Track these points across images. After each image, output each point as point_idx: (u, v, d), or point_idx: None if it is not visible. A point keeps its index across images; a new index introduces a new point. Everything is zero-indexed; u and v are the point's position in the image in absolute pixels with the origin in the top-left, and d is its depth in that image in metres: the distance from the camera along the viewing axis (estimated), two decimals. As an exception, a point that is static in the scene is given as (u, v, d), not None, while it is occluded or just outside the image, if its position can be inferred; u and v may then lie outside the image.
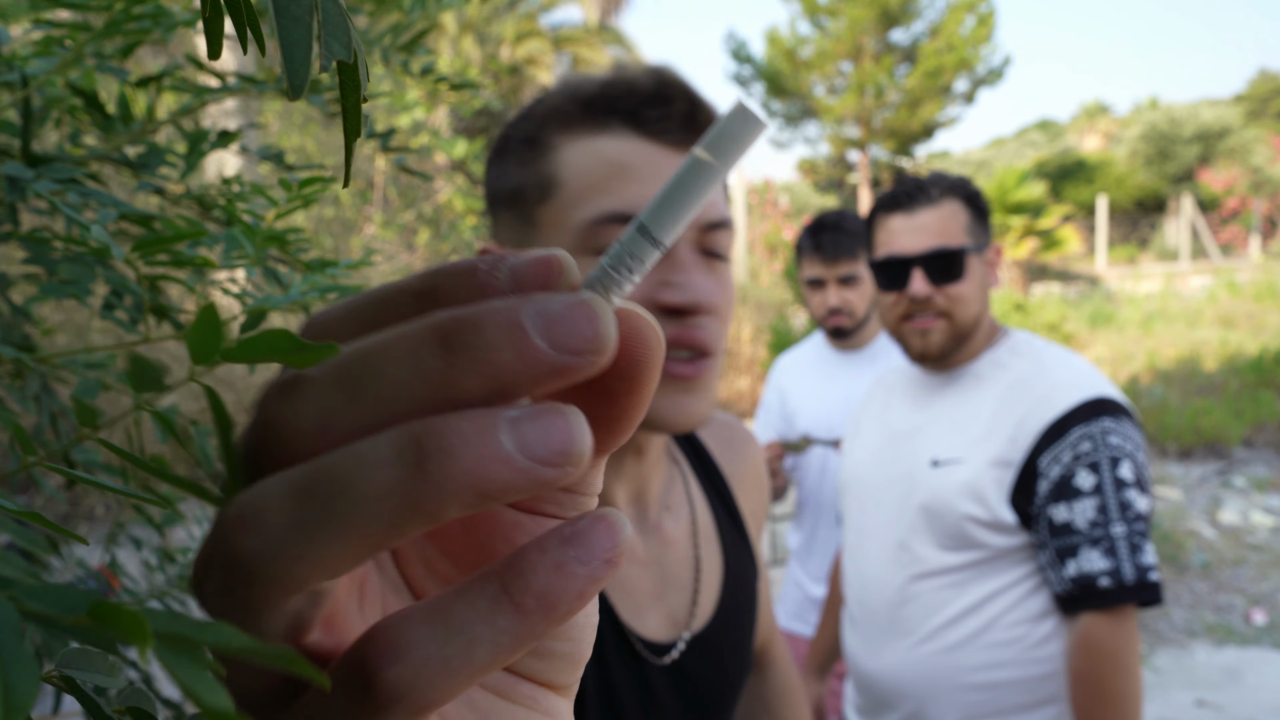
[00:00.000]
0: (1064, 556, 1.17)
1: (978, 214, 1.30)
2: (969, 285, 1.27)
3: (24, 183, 0.65)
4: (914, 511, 1.28)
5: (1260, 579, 4.62)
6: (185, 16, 0.65)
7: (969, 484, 1.23)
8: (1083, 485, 1.17)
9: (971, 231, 1.28)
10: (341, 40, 0.24)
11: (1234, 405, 7.11)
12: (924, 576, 1.27)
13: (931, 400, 1.35)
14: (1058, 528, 1.18)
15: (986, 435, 1.25)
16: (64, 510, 1.79)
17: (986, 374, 1.31)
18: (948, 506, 1.24)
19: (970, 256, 1.27)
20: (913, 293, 1.26)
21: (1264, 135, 20.30)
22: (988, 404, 1.27)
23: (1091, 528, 1.16)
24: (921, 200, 1.28)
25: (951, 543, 1.25)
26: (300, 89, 0.24)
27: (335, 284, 0.65)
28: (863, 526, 1.38)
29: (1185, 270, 16.17)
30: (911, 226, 1.27)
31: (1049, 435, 1.20)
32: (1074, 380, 1.24)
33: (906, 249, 1.27)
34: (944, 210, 1.27)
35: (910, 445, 1.34)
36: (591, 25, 15.56)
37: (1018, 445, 1.22)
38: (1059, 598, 1.19)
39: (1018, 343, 1.33)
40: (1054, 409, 1.21)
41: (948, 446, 1.28)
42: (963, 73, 19.50)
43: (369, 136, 0.94)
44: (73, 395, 0.71)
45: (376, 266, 3.59)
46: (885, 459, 1.37)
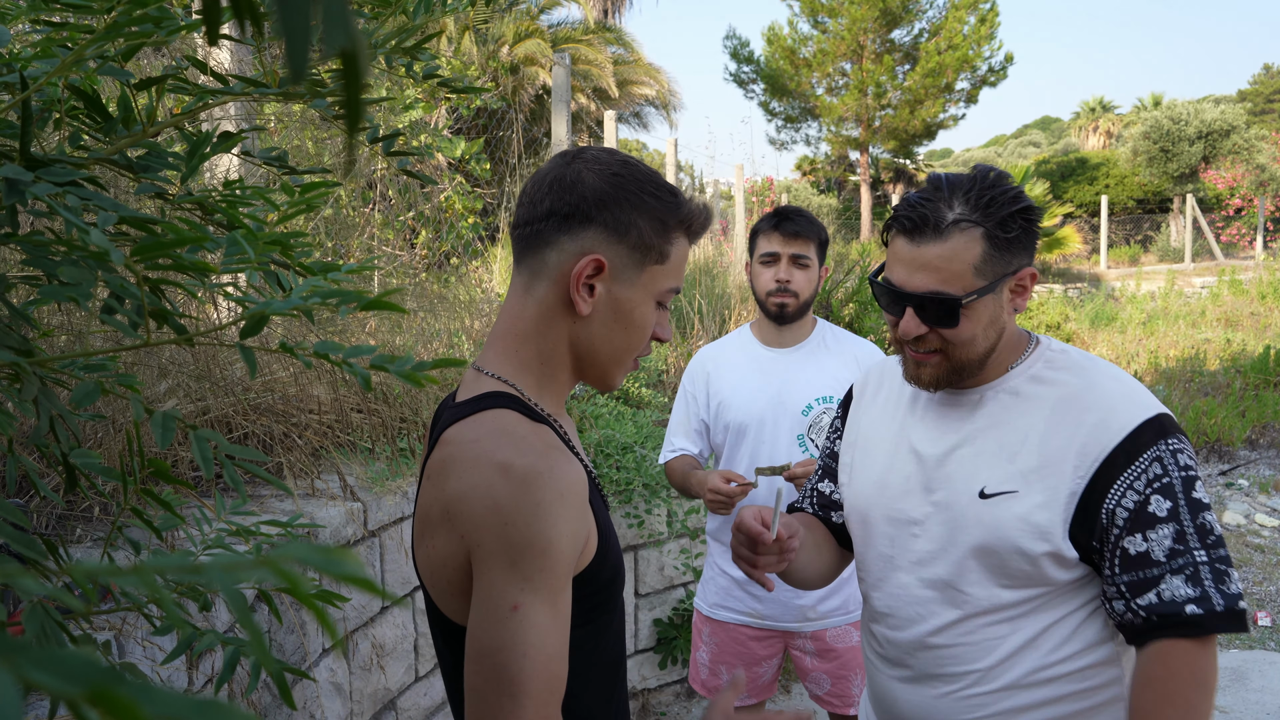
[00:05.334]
0: (1140, 590, 1.07)
1: (1000, 243, 1.12)
2: (969, 328, 1.14)
3: (23, 185, 0.64)
4: (964, 549, 1.16)
5: (1265, 580, 4.61)
6: (188, 20, 0.64)
7: (1028, 518, 1.12)
8: (1158, 511, 1.07)
9: (984, 269, 1.12)
10: (343, 30, 0.24)
11: (1237, 406, 7.10)
12: (976, 615, 1.17)
13: (962, 421, 1.22)
14: (1132, 559, 1.08)
15: (1042, 463, 1.13)
16: (61, 511, 1.78)
17: (1025, 391, 1.19)
18: (1007, 543, 1.13)
19: (972, 304, 1.13)
20: (901, 332, 1.17)
21: (1268, 133, 20.28)
22: (1035, 426, 1.15)
23: (1171, 557, 1.06)
24: (928, 233, 1.13)
25: (1010, 581, 1.15)
26: (300, 75, 0.23)
27: (337, 289, 0.64)
28: (891, 558, 1.25)
29: (1188, 270, 16.15)
30: (912, 259, 1.15)
31: (1117, 461, 1.09)
32: (1131, 396, 1.14)
33: (902, 283, 1.16)
34: (952, 246, 1.12)
35: (946, 473, 1.20)
36: (591, 25, 15.55)
37: (1079, 473, 1.11)
38: (1128, 626, 1.09)
39: (1051, 354, 1.22)
40: (1118, 431, 1.10)
41: (998, 476, 1.15)
42: (964, 72, 19.48)
43: (372, 140, 0.93)
44: (71, 399, 0.70)
45: (377, 267, 3.58)
46: (914, 486, 1.23)
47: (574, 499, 0.83)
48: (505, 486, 0.80)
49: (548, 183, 0.92)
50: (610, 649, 0.96)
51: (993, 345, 1.17)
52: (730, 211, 8.67)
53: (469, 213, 4.45)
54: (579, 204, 0.90)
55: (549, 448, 0.85)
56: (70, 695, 0.15)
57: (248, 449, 0.79)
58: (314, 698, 2.02)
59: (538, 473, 0.81)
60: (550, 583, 0.81)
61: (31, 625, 0.68)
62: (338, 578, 0.26)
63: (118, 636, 1.49)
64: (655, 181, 0.94)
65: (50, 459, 0.81)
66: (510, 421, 0.87)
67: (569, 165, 0.92)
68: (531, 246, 0.92)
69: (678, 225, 0.94)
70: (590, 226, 0.90)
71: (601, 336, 0.93)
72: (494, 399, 0.89)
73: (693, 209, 0.95)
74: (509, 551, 0.80)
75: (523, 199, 0.94)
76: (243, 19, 0.28)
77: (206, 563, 0.28)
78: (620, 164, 0.93)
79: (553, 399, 0.96)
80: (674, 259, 0.94)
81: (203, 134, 0.81)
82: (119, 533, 0.96)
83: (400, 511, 2.41)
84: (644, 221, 0.91)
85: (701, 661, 2.23)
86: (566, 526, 0.82)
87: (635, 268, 0.92)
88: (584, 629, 0.91)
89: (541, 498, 0.81)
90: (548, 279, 0.91)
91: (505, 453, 0.82)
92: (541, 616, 0.80)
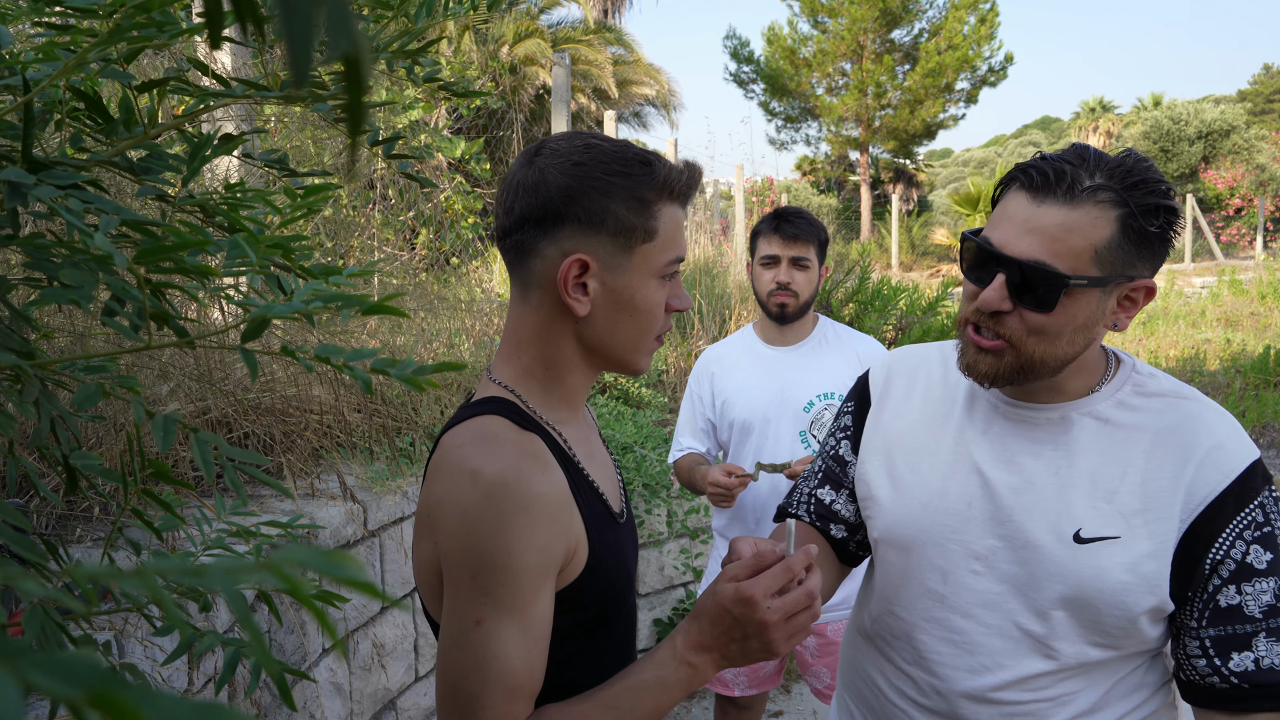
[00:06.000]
0: (1229, 647, 0.96)
1: (1134, 235, 0.94)
2: (1061, 319, 0.96)
3: (25, 188, 0.64)
4: (1051, 599, 1.01)
5: (1263, 580, 4.61)
6: (190, 23, 0.65)
7: (1136, 568, 0.97)
8: (1257, 564, 0.96)
9: (1106, 257, 0.95)
10: (346, 34, 0.24)
11: (1237, 406, 7.10)
12: (1058, 671, 1.02)
13: (1044, 444, 1.05)
14: (1223, 612, 0.96)
15: (1145, 505, 0.98)
16: (61, 512, 1.79)
17: (1117, 418, 1.03)
18: (1107, 597, 0.98)
19: (1078, 291, 0.95)
20: (981, 301, 0.98)
21: (1268, 133, 20.28)
22: (1135, 462, 1.00)
23: (1269, 615, 0.95)
24: (1058, 190, 0.95)
25: (1102, 639, 1.00)
26: (303, 79, 0.23)
27: (338, 292, 0.65)
28: (943, 596, 1.07)
29: (1188, 270, 16.16)
30: (1027, 219, 0.96)
31: (1227, 504, 0.96)
32: (1237, 433, 1.01)
33: (1004, 243, 0.97)
34: (1079, 217, 0.94)
35: (1024, 505, 1.03)
36: (591, 25, 15.55)
37: (1186, 516, 0.97)
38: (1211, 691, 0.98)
39: (1140, 377, 1.07)
40: (1229, 471, 0.97)
41: (1096, 517, 0.99)
42: (964, 72, 19.48)
43: (373, 143, 0.94)
44: (72, 401, 0.70)
45: (377, 268, 3.58)
46: (977, 514, 1.06)
47: (541, 511, 0.80)
48: (472, 495, 0.79)
49: (514, 186, 0.88)
50: (616, 660, 0.94)
51: (1074, 355, 1.00)
52: (730, 211, 8.67)
53: (469, 213, 4.45)
54: (547, 204, 0.86)
55: (525, 456, 0.82)
56: (71, 698, 0.15)
57: (248, 451, 0.79)
58: (314, 698, 2.02)
59: (504, 483, 0.79)
60: (513, 598, 0.78)
61: (32, 626, 0.68)
62: (339, 581, 0.26)
63: (118, 637, 1.49)
64: (622, 158, 0.87)
65: (50, 460, 0.81)
66: (496, 428, 0.85)
67: (531, 165, 0.88)
68: (518, 257, 0.89)
69: (658, 196, 0.88)
70: (563, 225, 0.86)
71: (609, 330, 0.90)
72: (489, 404, 0.88)
73: (669, 173, 0.89)
74: (470, 563, 0.79)
75: (497, 206, 0.91)
76: (245, 22, 0.28)
77: (207, 565, 0.28)
78: (581, 150, 0.87)
79: (561, 402, 0.93)
80: (664, 231, 0.89)
81: (204, 136, 0.81)
82: (119, 533, 0.96)
83: (400, 512, 2.41)
84: (618, 205, 0.86)
85: None
86: (531, 540, 0.79)
87: (623, 253, 0.87)
88: (584, 641, 0.89)
89: (504, 509, 0.78)
90: (538, 286, 0.89)
91: (479, 460, 0.81)
92: (505, 631, 0.78)
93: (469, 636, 0.79)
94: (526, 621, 0.79)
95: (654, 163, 0.88)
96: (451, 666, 0.80)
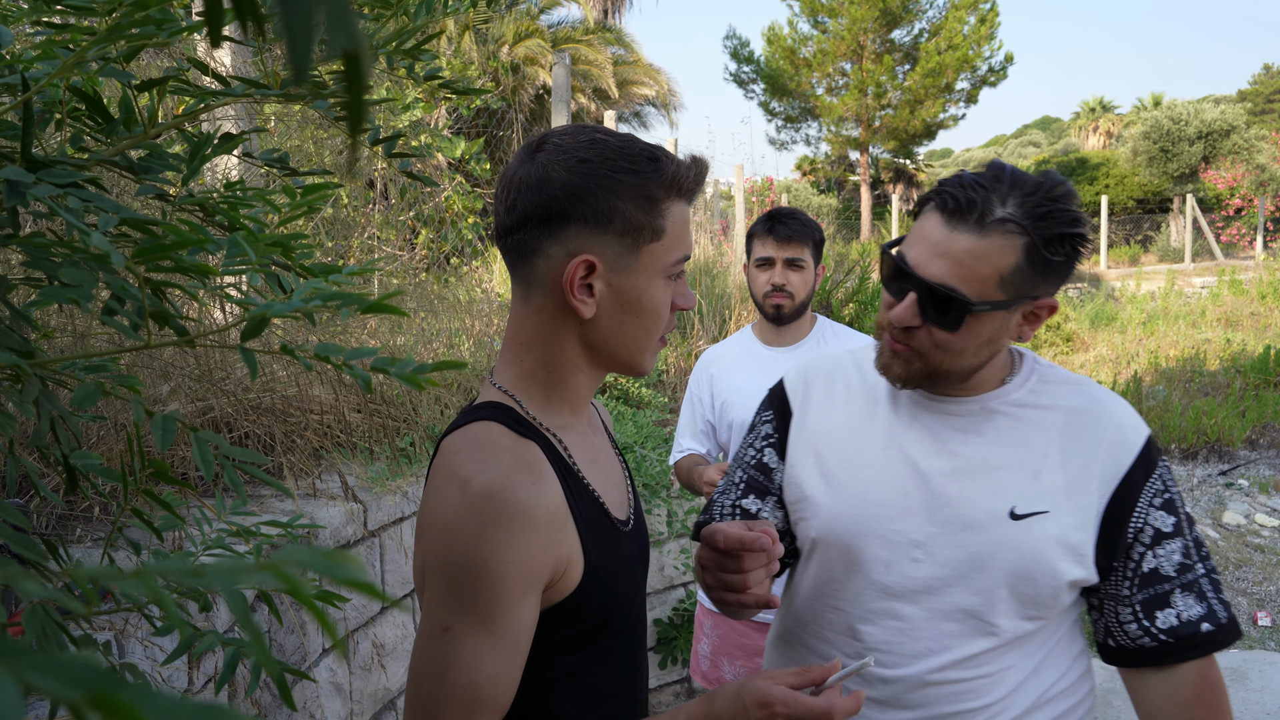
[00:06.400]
0: (1154, 608, 1.06)
1: (1038, 263, 1.00)
2: (964, 339, 1.04)
3: (24, 187, 0.64)
4: (995, 576, 1.06)
5: (1265, 580, 4.61)
6: (189, 21, 0.64)
7: (1064, 539, 1.05)
8: (1164, 527, 1.07)
9: (1010, 282, 1.01)
10: (346, 31, 0.24)
11: (1237, 406, 7.10)
12: (998, 647, 1.08)
13: (969, 434, 1.12)
14: (1146, 576, 1.06)
15: (1069, 480, 1.07)
16: (61, 512, 1.78)
17: (1030, 404, 1.12)
18: (1044, 567, 1.05)
19: (981, 315, 1.02)
20: (893, 316, 1.06)
21: (1268, 133, 20.27)
22: (1053, 442, 1.09)
23: (1181, 572, 1.06)
24: (969, 221, 1.00)
25: (1035, 610, 1.07)
26: (303, 77, 0.23)
27: (338, 291, 0.64)
28: (887, 586, 1.11)
29: (1188, 270, 16.15)
30: (939, 243, 1.02)
31: (1136, 477, 1.07)
32: (1130, 414, 1.11)
33: (917, 264, 1.03)
34: (987, 245, 0.99)
35: (958, 491, 1.09)
36: (591, 25, 15.56)
37: (1104, 490, 1.06)
38: (1142, 651, 1.07)
39: (1042, 368, 1.16)
40: (1133, 446, 1.08)
41: (1026, 495, 1.06)
42: (964, 72, 19.48)
43: (373, 142, 0.94)
44: (72, 400, 0.70)
45: (377, 267, 3.58)
46: (914, 504, 1.11)
47: (524, 524, 0.77)
48: (458, 504, 0.77)
49: (516, 183, 0.84)
50: (617, 673, 0.92)
51: (980, 365, 1.09)
52: (730, 211, 8.67)
53: (469, 213, 4.45)
54: (552, 203, 0.82)
55: (518, 466, 0.80)
56: (71, 699, 0.15)
57: (248, 451, 0.79)
58: (314, 698, 2.02)
59: (489, 493, 0.77)
60: (487, 609, 0.77)
61: (32, 627, 0.68)
62: (339, 581, 0.26)
63: (118, 637, 1.49)
64: (630, 154, 0.84)
65: (50, 460, 0.81)
66: (493, 434, 0.83)
67: (533, 160, 0.84)
68: (519, 257, 0.86)
69: (666, 194, 0.85)
70: (569, 225, 0.82)
71: (614, 332, 0.87)
72: (487, 409, 0.86)
73: (678, 170, 0.86)
74: (447, 571, 0.77)
75: (497, 203, 0.87)
76: (245, 20, 0.28)
77: (208, 565, 0.28)
78: (586, 146, 0.84)
79: (564, 406, 0.91)
80: (671, 230, 0.86)
81: (204, 135, 0.81)
82: (119, 533, 0.96)
83: (400, 512, 2.41)
84: (626, 204, 0.83)
85: (703, 653, 2.24)
86: (513, 553, 0.77)
87: (630, 253, 0.84)
88: (578, 653, 0.87)
89: (485, 519, 0.76)
90: (542, 287, 0.85)
91: (470, 468, 0.79)
92: (473, 641, 0.77)
93: (436, 641, 0.77)
94: (498, 635, 0.77)
95: (661, 159, 0.86)
96: (416, 670, 0.79)
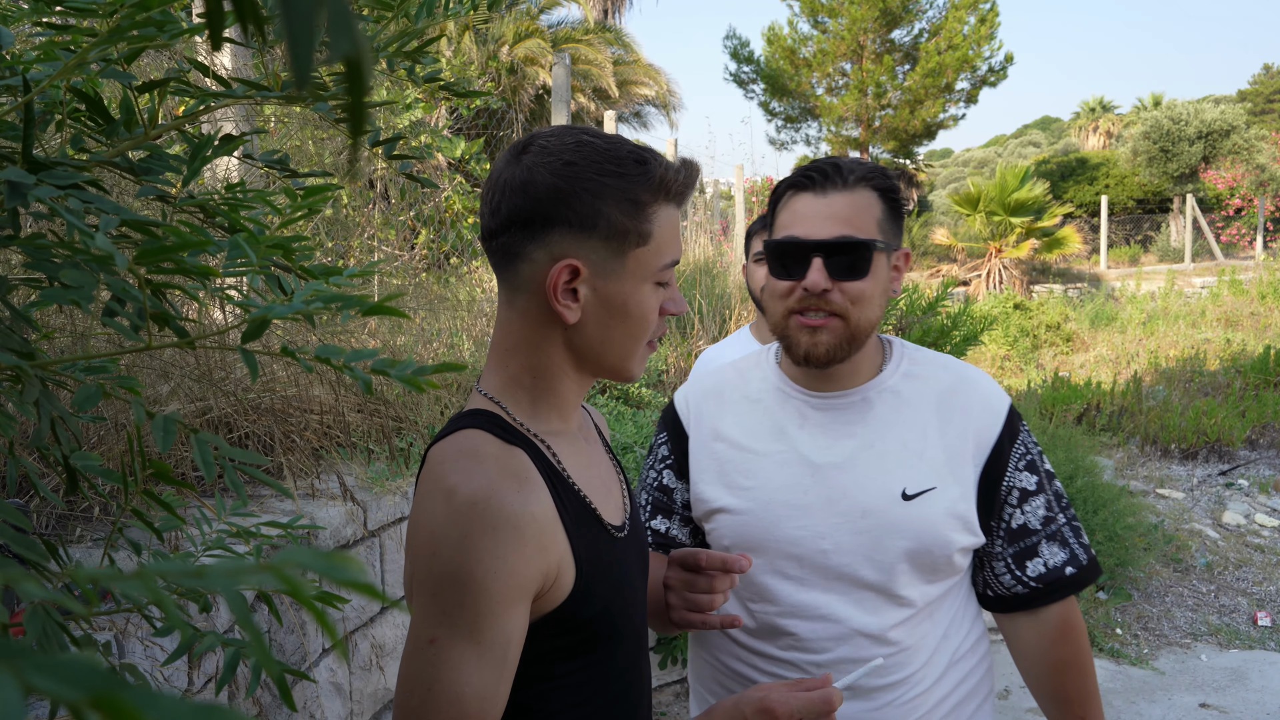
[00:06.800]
0: (1024, 558, 1.19)
1: (892, 210, 1.17)
2: (872, 285, 1.14)
3: (25, 188, 0.64)
4: (895, 554, 1.14)
5: (1265, 581, 4.61)
6: (190, 23, 0.64)
7: (953, 511, 1.15)
8: (1029, 485, 1.19)
9: (884, 227, 1.15)
10: (348, 35, 0.24)
11: (1237, 406, 7.10)
12: (911, 618, 1.17)
13: (854, 424, 1.20)
14: (1015, 531, 1.19)
15: (949, 456, 1.17)
16: (61, 512, 1.79)
17: (906, 388, 1.21)
18: (939, 539, 1.14)
19: (879, 254, 1.14)
20: (808, 283, 1.13)
21: (1268, 133, 20.27)
22: (930, 421, 1.19)
23: (1045, 524, 1.19)
24: (836, 182, 1.14)
25: (935, 575, 1.17)
26: (305, 80, 0.23)
27: (339, 292, 0.65)
28: (801, 579, 1.18)
29: (1188, 270, 16.15)
30: (820, 209, 1.13)
31: (1004, 442, 1.19)
32: (993, 385, 1.23)
33: (810, 233, 1.13)
34: (858, 198, 1.14)
35: (853, 480, 1.17)
36: (591, 25, 15.55)
37: (978, 458, 1.18)
38: (1015, 598, 1.20)
39: (910, 351, 1.26)
40: (998, 413, 1.20)
41: (915, 476, 1.16)
42: (964, 72, 19.48)
43: (374, 144, 0.94)
44: (72, 401, 0.70)
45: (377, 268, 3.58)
46: (814, 500, 1.17)
47: (509, 534, 0.76)
48: (443, 513, 0.76)
49: (501, 185, 0.83)
50: (617, 683, 0.90)
51: (878, 320, 1.18)
52: (730, 211, 8.67)
53: (469, 213, 4.45)
54: (535, 206, 0.81)
55: (504, 474, 0.79)
56: (72, 700, 0.15)
57: (248, 452, 0.79)
58: (314, 698, 2.02)
59: (473, 502, 0.76)
60: (472, 620, 0.75)
61: (32, 627, 0.68)
62: (339, 582, 0.26)
63: (118, 637, 1.49)
64: (616, 156, 0.83)
65: (51, 460, 0.81)
66: (478, 442, 0.81)
67: (518, 162, 0.83)
68: (504, 260, 0.85)
69: (654, 197, 0.84)
70: (553, 228, 0.81)
71: (600, 338, 0.86)
72: (473, 417, 0.85)
73: (665, 173, 0.84)
74: (431, 582, 0.76)
75: (483, 204, 0.86)
76: (246, 22, 0.28)
77: (208, 566, 0.28)
78: (573, 148, 0.82)
79: (551, 412, 0.89)
80: (659, 234, 0.85)
81: (204, 137, 0.81)
82: (119, 534, 0.96)
83: (400, 512, 2.41)
84: (611, 207, 0.82)
85: None
86: (498, 563, 0.75)
87: (615, 258, 0.83)
88: (570, 663, 0.85)
89: (470, 529, 0.75)
90: (526, 291, 0.84)
91: (455, 477, 0.78)
92: (459, 652, 0.75)
93: (422, 654, 0.76)
94: (485, 646, 0.76)
95: (649, 161, 0.84)
96: (402, 683, 0.78)
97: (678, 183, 0.86)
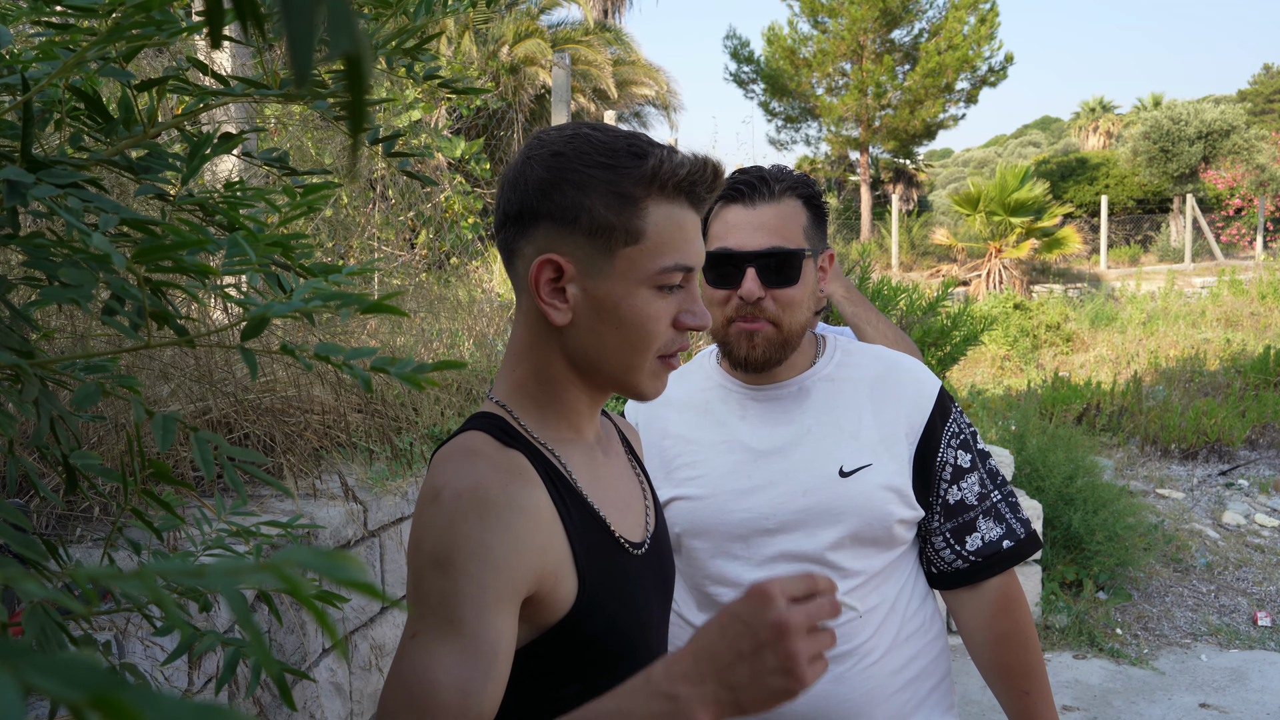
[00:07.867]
0: (963, 534, 1.25)
1: (816, 216, 1.25)
2: (801, 291, 1.21)
3: (24, 187, 0.64)
4: (836, 530, 1.20)
5: (1265, 581, 4.61)
6: (190, 22, 0.64)
7: (889, 484, 1.21)
8: (964, 463, 1.26)
9: (809, 234, 1.23)
10: (347, 32, 0.24)
11: (1237, 406, 7.10)
12: (857, 587, 1.22)
13: (792, 412, 1.26)
14: (953, 508, 1.25)
15: (883, 434, 1.24)
16: (61, 512, 1.79)
17: (840, 376, 1.28)
18: (877, 512, 1.20)
19: (807, 260, 1.22)
20: (743, 292, 1.19)
21: (1268, 133, 20.27)
22: (864, 405, 1.25)
23: (981, 500, 1.26)
24: (764, 193, 1.21)
25: (877, 546, 1.23)
26: (304, 78, 0.23)
27: (338, 291, 0.64)
28: (748, 558, 1.23)
29: (1188, 270, 16.15)
30: (750, 221, 1.20)
31: (936, 422, 1.25)
32: (924, 370, 1.30)
33: (742, 244, 1.20)
34: (785, 208, 1.21)
35: (793, 464, 1.23)
36: (591, 25, 15.55)
37: (912, 437, 1.25)
38: (956, 574, 1.26)
39: (844, 343, 1.34)
40: (929, 395, 1.27)
41: (850, 454, 1.22)
42: (964, 72, 19.48)
43: (373, 142, 0.94)
44: (72, 400, 0.70)
45: (377, 267, 3.58)
46: (757, 484, 1.24)
47: (494, 521, 0.73)
48: (433, 509, 0.75)
49: (503, 181, 0.82)
50: None
51: (808, 323, 1.25)
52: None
53: (469, 213, 4.45)
54: (525, 200, 0.78)
55: (495, 470, 0.76)
56: (72, 699, 0.15)
57: (248, 451, 0.79)
58: (314, 698, 2.02)
59: (458, 494, 0.73)
60: (451, 610, 0.71)
61: (32, 627, 0.68)
62: (340, 582, 0.26)
63: (118, 637, 1.49)
64: (610, 149, 0.77)
65: (50, 460, 0.81)
66: (478, 443, 0.79)
67: (522, 157, 0.81)
68: (506, 258, 0.83)
69: (645, 191, 0.77)
70: (539, 223, 0.78)
71: (594, 344, 0.80)
72: (478, 420, 0.84)
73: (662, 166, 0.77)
74: (416, 574, 0.75)
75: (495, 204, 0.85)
76: (245, 21, 0.28)
77: (208, 566, 0.28)
78: (567, 139, 0.78)
79: (561, 421, 0.86)
80: (654, 233, 0.78)
81: (203, 135, 0.81)
82: (119, 533, 0.96)
83: (400, 512, 2.41)
84: (594, 200, 0.77)
85: None
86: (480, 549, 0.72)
87: (603, 256, 0.78)
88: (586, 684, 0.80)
89: (454, 518, 0.73)
90: (524, 291, 0.81)
91: (448, 475, 0.76)
92: (436, 647, 0.72)
93: (404, 647, 0.73)
94: (466, 638, 0.71)
95: (648, 154, 0.78)
96: (388, 676, 0.75)
97: (679, 177, 0.79)
